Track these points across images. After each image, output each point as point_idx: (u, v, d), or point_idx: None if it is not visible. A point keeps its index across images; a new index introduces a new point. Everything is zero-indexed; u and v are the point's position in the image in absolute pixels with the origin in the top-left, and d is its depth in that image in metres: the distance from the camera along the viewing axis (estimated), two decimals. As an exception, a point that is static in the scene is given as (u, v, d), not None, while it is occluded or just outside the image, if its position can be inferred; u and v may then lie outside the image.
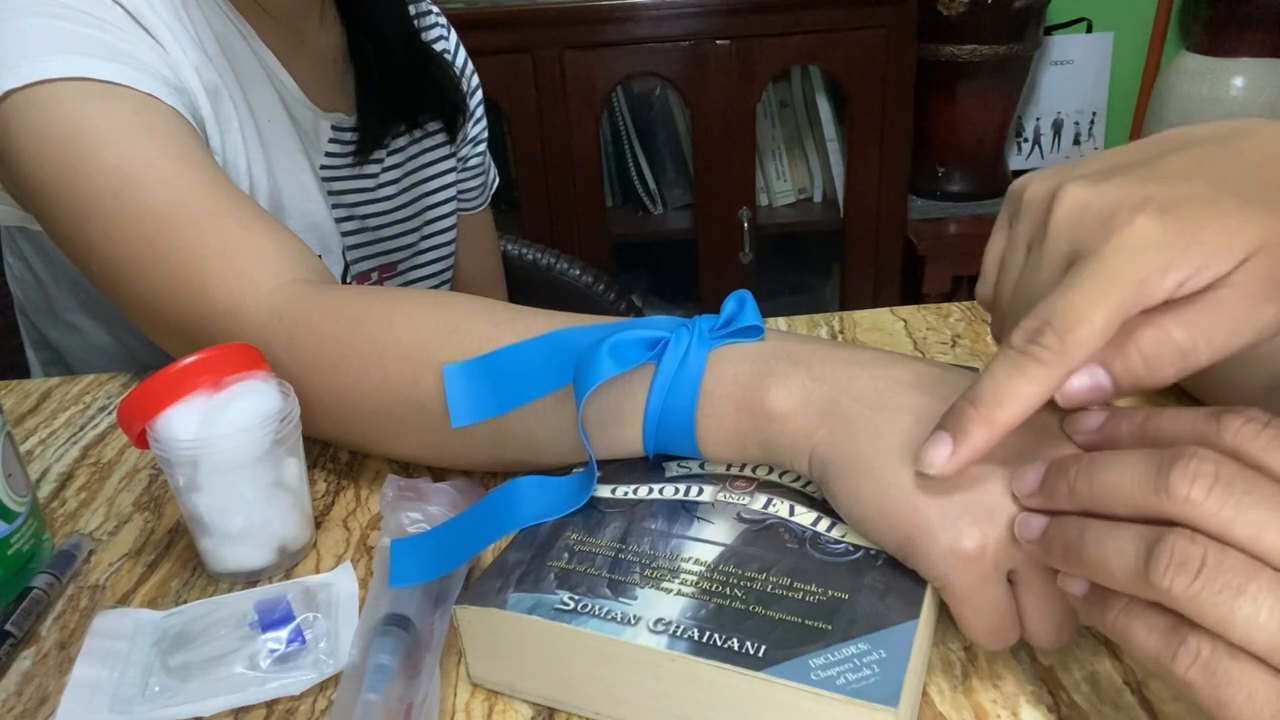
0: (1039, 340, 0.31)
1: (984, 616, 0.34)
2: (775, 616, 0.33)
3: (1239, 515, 0.26)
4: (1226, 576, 0.26)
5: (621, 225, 1.85)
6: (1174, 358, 0.31)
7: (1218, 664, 0.26)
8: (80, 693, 0.39)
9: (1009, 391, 0.32)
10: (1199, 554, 0.26)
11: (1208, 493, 0.27)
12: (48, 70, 0.53)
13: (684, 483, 0.41)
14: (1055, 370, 0.31)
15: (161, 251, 0.52)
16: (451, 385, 0.44)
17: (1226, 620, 0.26)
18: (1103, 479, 0.30)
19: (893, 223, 1.77)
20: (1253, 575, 0.26)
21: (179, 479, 0.43)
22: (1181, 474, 0.27)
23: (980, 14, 1.70)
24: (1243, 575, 0.26)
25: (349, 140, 0.76)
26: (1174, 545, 0.27)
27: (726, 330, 0.41)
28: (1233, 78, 1.75)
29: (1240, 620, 0.26)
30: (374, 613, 0.38)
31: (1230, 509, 0.27)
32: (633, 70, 1.65)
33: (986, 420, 0.32)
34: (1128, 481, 0.29)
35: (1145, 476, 0.28)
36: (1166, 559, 0.27)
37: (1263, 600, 0.25)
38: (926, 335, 0.65)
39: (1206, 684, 0.26)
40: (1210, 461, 0.27)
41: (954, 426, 0.33)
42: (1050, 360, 0.31)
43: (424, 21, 0.86)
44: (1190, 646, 0.27)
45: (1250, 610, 0.25)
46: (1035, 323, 0.32)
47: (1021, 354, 0.32)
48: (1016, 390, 0.31)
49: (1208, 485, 0.27)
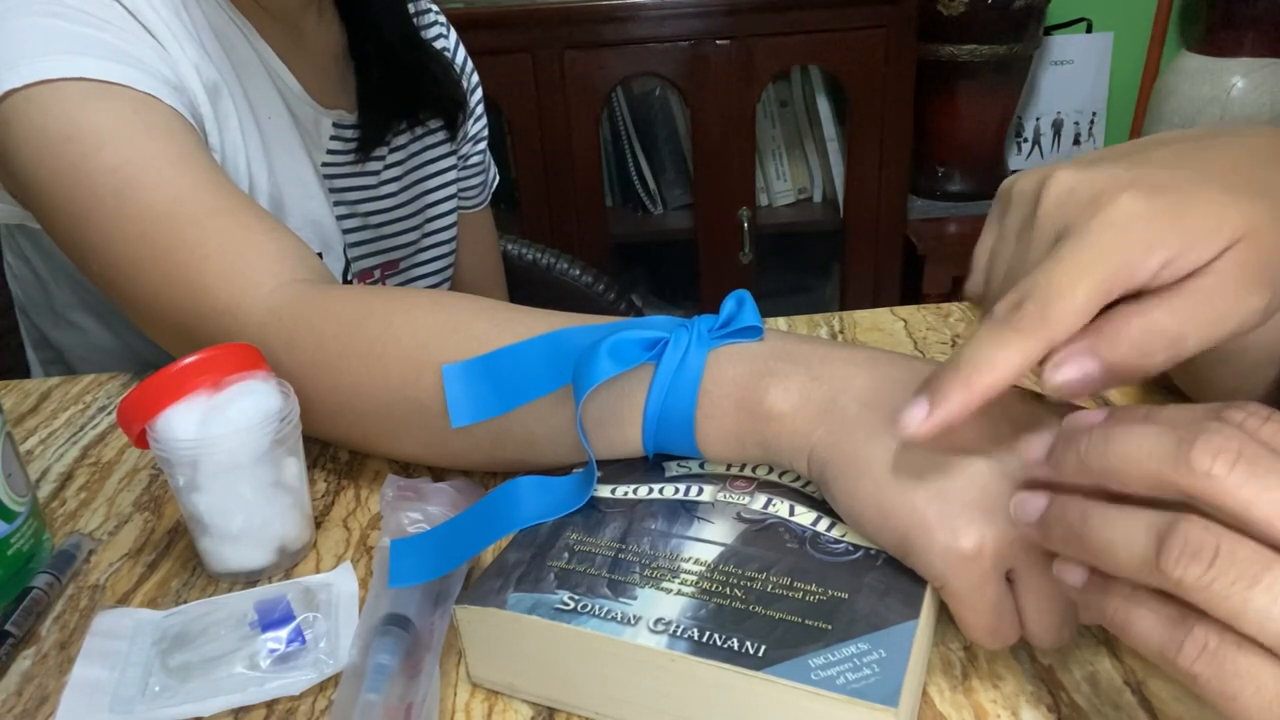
0: (1019, 311, 0.31)
1: (983, 616, 0.34)
2: (775, 616, 0.33)
3: (1261, 494, 0.25)
4: (1241, 567, 0.25)
5: (621, 225, 1.85)
6: (1163, 345, 0.31)
7: (1225, 656, 0.25)
8: (80, 693, 0.39)
9: (987, 358, 0.31)
10: (1213, 543, 0.25)
11: (1230, 469, 0.26)
12: (48, 70, 0.53)
13: (684, 483, 0.41)
14: (1035, 340, 0.31)
15: (161, 251, 0.52)
16: (451, 385, 0.44)
17: (1239, 612, 0.25)
18: (1117, 450, 0.29)
19: (893, 223, 1.77)
20: (1268, 566, 0.25)
21: (179, 479, 0.43)
22: (1204, 447, 0.26)
23: (980, 14, 1.70)
24: (1258, 565, 0.25)
25: (350, 138, 0.76)
26: (1187, 533, 0.26)
27: (726, 330, 0.41)
28: (1233, 78, 1.75)
29: (1254, 612, 0.25)
30: (374, 613, 0.38)
31: (1253, 487, 0.25)
32: (633, 70, 1.65)
33: (964, 384, 0.31)
34: (1145, 454, 0.28)
35: (1164, 449, 0.27)
36: (1179, 547, 0.26)
37: (1278, 591, 0.25)
38: (926, 335, 0.65)
39: (1214, 676, 0.26)
40: (1234, 439, 0.26)
41: (932, 390, 0.32)
42: (1030, 330, 0.31)
43: (423, 20, 0.86)
44: (1197, 638, 0.26)
45: (1265, 602, 0.25)
46: (1016, 295, 0.32)
47: (1003, 323, 0.31)
48: (995, 358, 0.31)
49: (1230, 461, 0.26)
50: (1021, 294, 0.31)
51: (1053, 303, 0.31)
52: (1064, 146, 2.00)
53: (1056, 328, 0.31)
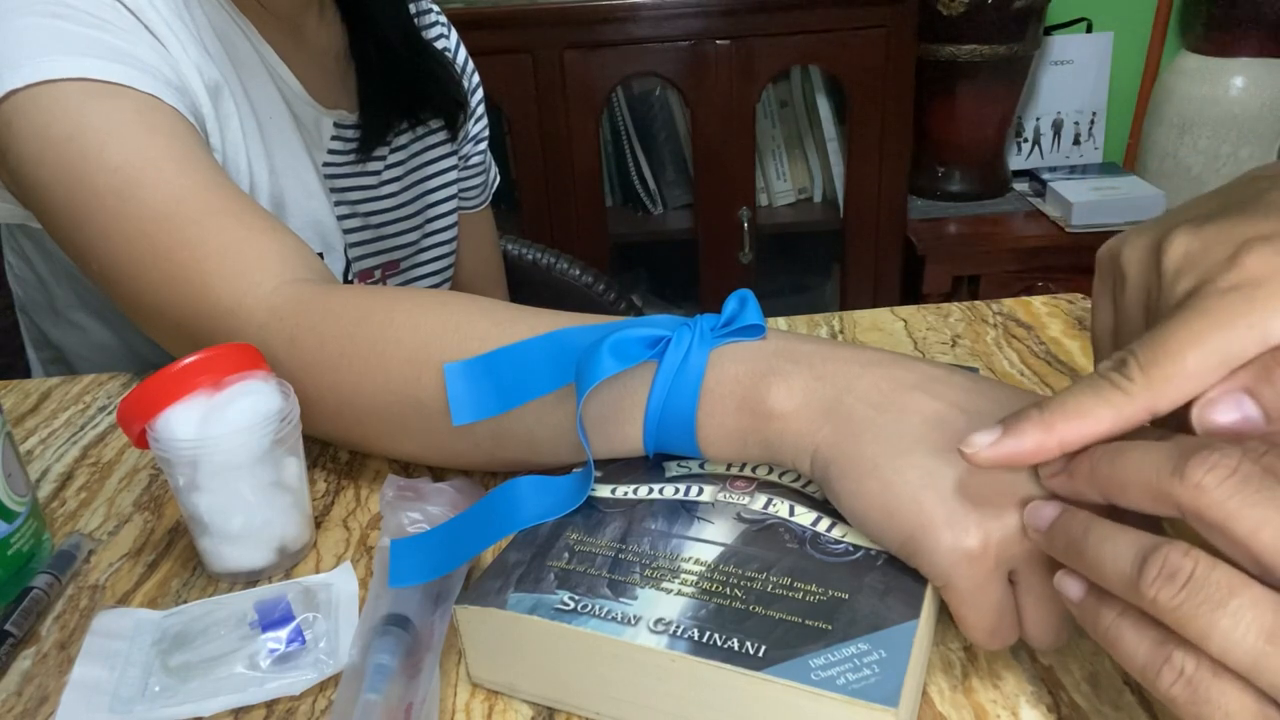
0: (1121, 369, 0.30)
1: (985, 616, 0.34)
2: (775, 616, 0.33)
3: (1243, 509, 0.26)
4: (1210, 590, 0.26)
5: (621, 225, 1.85)
6: None
7: (1200, 682, 0.26)
8: (80, 693, 0.39)
9: (1077, 405, 0.30)
10: (1189, 566, 0.26)
11: (1220, 483, 0.26)
12: (49, 70, 0.53)
13: (684, 483, 0.41)
14: (1133, 401, 0.29)
15: (162, 251, 0.52)
16: (453, 383, 0.44)
17: (1205, 633, 0.25)
18: (1125, 459, 0.29)
19: (893, 223, 1.77)
20: (1236, 591, 0.25)
21: (179, 479, 0.43)
22: (1199, 461, 0.27)
23: (980, 14, 1.70)
24: (1225, 590, 0.26)
25: (351, 138, 0.76)
26: (1167, 555, 0.27)
27: (728, 329, 0.41)
28: (1233, 78, 1.75)
29: (1219, 635, 0.25)
30: (374, 613, 0.38)
31: (1237, 501, 0.26)
32: (633, 70, 1.65)
33: (1045, 425, 0.31)
34: (1148, 464, 0.28)
35: (1164, 461, 0.28)
36: (1157, 568, 0.26)
37: (1242, 615, 0.25)
38: (926, 335, 0.65)
39: (1188, 701, 0.26)
40: (1231, 456, 0.27)
41: (1011, 421, 0.31)
42: (1129, 390, 0.29)
43: (424, 20, 0.86)
44: (1174, 662, 0.26)
45: (1228, 625, 0.25)
46: (1124, 352, 0.30)
47: (1103, 378, 0.30)
48: (1085, 406, 0.30)
49: (1221, 476, 0.26)
50: (1127, 351, 0.30)
51: (1156, 365, 0.29)
52: (1064, 146, 1.99)
53: (1160, 393, 0.29)
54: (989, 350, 0.62)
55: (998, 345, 0.63)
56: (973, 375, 0.39)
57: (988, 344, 0.63)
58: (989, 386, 0.39)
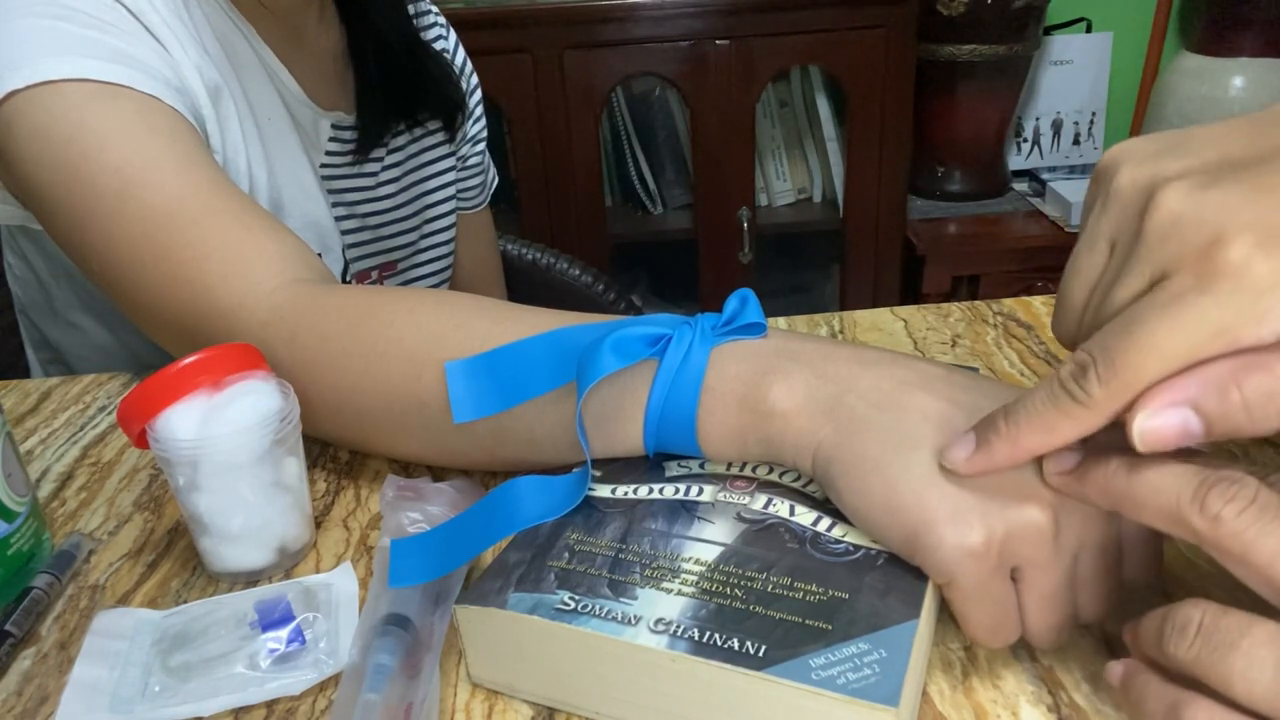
0: (1081, 381, 0.29)
1: (987, 614, 0.34)
2: (775, 616, 0.33)
3: (1260, 538, 0.26)
4: (1221, 634, 0.26)
5: (621, 225, 1.85)
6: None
7: None
8: (80, 692, 0.39)
9: (1040, 421, 0.31)
10: (1198, 616, 0.27)
11: (1238, 514, 0.26)
12: (50, 71, 0.53)
13: (684, 482, 0.41)
14: (1094, 415, 0.29)
15: (163, 251, 0.52)
16: (453, 382, 0.44)
17: (1227, 679, 0.26)
18: (1142, 480, 0.29)
19: (892, 223, 1.77)
20: (1245, 631, 0.26)
21: (179, 479, 0.43)
22: (1220, 493, 0.27)
23: (980, 14, 1.70)
24: (1235, 631, 0.26)
25: (349, 139, 0.76)
26: (1179, 612, 0.28)
27: (729, 328, 0.41)
28: (1233, 78, 1.75)
29: (1237, 675, 0.26)
30: (374, 613, 0.38)
31: (1255, 531, 0.26)
32: (633, 70, 1.65)
33: (1011, 439, 0.32)
34: (1167, 487, 0.28)
35: (1185, 487, 0.28)
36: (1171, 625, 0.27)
37: (1255, 653, 0.25)
38: (926, 335, 0.65)
39: None
40: (1251, 487, 0.27)
41: (981, 433, 0.33)
42: (1089, 404, 0.29)
43: (423, 21, 0.86)
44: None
45: (1243, 665, 0.25)
46: (1084, 357, 0.29)
47: (1063, 387, 0.30)
48: (1048, 422, 0.30)
49: (1240, 507, 0.26)
50: (1089, 357, 0.29)
51: (1118, 378, 0.28)
52: (1064, 146, 2.00)
53: (1120, 402, 0.29)
54: (989, 350, 0.62)
55: (998, 345, 0.63)
56: (973, 374, 0.40)
57: (988, 344, 0.63)
58: (989, 385, 0.39)
